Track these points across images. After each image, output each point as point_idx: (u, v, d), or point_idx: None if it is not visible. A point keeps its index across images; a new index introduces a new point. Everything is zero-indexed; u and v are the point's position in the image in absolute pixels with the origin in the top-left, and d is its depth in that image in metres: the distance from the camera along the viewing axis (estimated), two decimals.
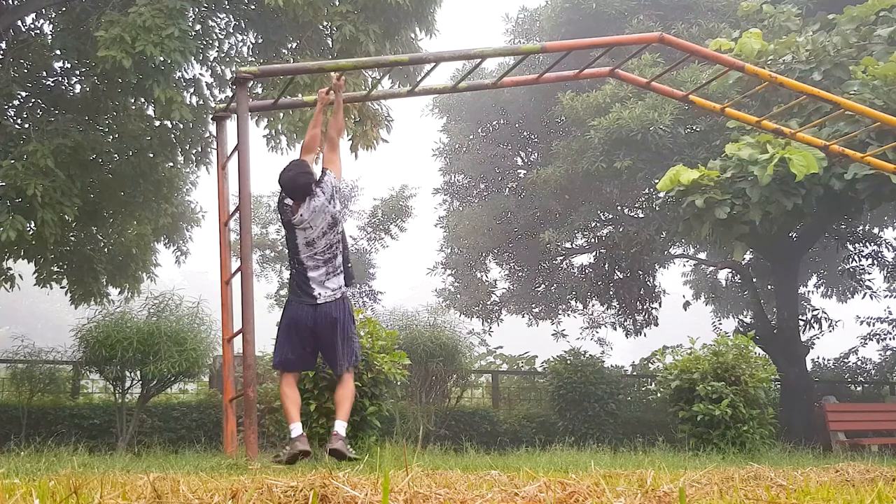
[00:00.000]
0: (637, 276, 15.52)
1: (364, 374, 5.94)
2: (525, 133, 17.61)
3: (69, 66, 10.64)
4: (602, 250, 15.92)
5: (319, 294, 5.07)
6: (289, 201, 5.16)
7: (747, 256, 15.24)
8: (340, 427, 4.98)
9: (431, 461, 5.02)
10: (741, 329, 13.38)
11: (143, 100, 10.17)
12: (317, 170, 5.34)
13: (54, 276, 11.24)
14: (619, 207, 15.60)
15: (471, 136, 17.71)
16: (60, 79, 10.88)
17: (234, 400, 5.90)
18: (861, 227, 15.48)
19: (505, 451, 7.98)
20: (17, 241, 9.03)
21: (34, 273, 11.09)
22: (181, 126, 10.48)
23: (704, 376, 8.05)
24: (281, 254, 17.72)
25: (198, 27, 9.81)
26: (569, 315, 18.57)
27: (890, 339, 17.53)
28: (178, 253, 12.73)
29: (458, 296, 18.25)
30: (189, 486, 2.20)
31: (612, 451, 7.31)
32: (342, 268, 5.20)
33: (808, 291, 18.65)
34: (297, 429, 4.95)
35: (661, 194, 12.62)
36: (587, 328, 18.78)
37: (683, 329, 13.74)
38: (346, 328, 5.13)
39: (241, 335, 5.53)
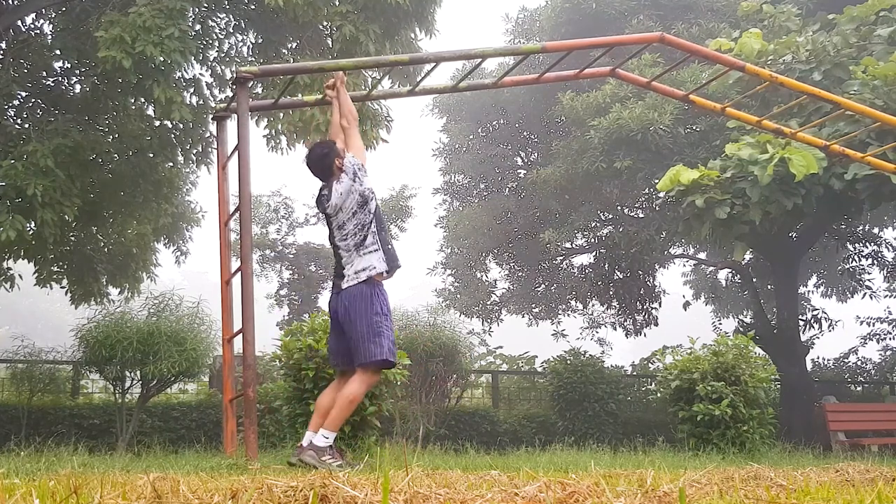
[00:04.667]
0: (637, 276, 15.52)
1: None
2: (525, 133, 17.59)
3: (69, 66, 10.65)
4: (602, 250, 15.91)
5: (346, 276, 4.77)
6: (325, 192, 4.95)
7: (747, 256, 15.24)
8: (310, 436, 4.63)
9: (431, 461, 5.02)
10: (741, 329, 13.37)
11: (143, 100, 10.18)
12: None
13: (54, 276, 11.24)
14: (619, 207, 15.59)
15: (471, 136, 17.70)
16: (60, 79, 10.88)
17: (234, 400, 5.89)
18: (861, 227, 15.48)
19: (505, 451, 7.98)
20: (17, 241, 9.03)
21: (34, 273, 11.10)
22: (181, 126, 10.49)
23: (704, 376, 8.05)
24: (281, 254, 17.70)
25: (198, 27, 9.82)
26: (569, 315, 18.56)
27: (890, 339, 17.56)
28: (178, 253, 12.73)
29: (458, 296, 18.22)
30: (189, 486, 2.20)
31: (612, 451, 7.30)
32: (376, 246, 4.82)
33: (808, 291, 18.67)
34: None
35: (661, 194, 12.64)
36: (587, 328, 18.77)
37: (683, 329, 13.74)
38: (365, 315, 4.64)
39: (241, 335, 5.52)
